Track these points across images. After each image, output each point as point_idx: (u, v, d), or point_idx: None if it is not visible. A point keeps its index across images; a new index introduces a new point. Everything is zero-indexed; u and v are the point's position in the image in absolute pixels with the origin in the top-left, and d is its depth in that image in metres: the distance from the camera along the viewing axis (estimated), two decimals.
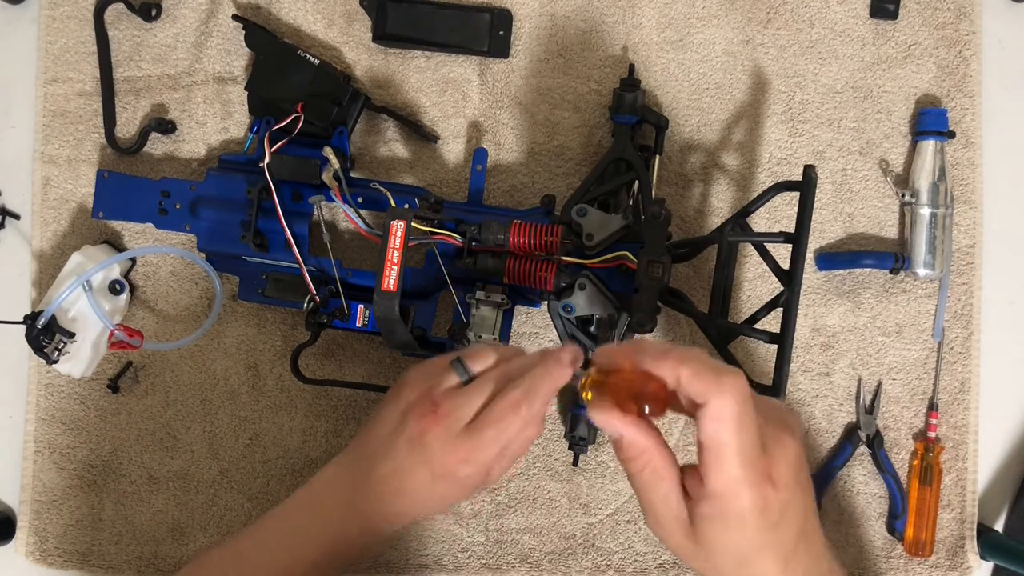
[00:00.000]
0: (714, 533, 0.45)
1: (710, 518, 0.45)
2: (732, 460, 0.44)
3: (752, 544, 0.45)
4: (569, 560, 0.73)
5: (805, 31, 0.74)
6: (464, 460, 0.52)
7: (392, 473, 0.54)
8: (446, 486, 0.53)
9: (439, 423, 0.52)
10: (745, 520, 0.44)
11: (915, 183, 0.72)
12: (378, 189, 0.68)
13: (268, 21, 0.73)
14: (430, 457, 0.53)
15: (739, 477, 0.44)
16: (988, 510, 0.75)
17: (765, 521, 0.44)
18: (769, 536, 0.45)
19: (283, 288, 0.70)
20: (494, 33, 0.73)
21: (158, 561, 0.73)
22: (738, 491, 0.44)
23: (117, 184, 0.72)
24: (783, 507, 0.45)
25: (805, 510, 0.46)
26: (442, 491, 0.54)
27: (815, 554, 0.47)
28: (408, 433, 0.53)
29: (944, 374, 0.73)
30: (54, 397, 0.73)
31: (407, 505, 0.55)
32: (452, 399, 0.53)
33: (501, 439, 0.52)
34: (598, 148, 0.73)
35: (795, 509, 0.45)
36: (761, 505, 0.44)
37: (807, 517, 0.47)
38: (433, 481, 0.53)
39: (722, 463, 0.44)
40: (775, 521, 0.45)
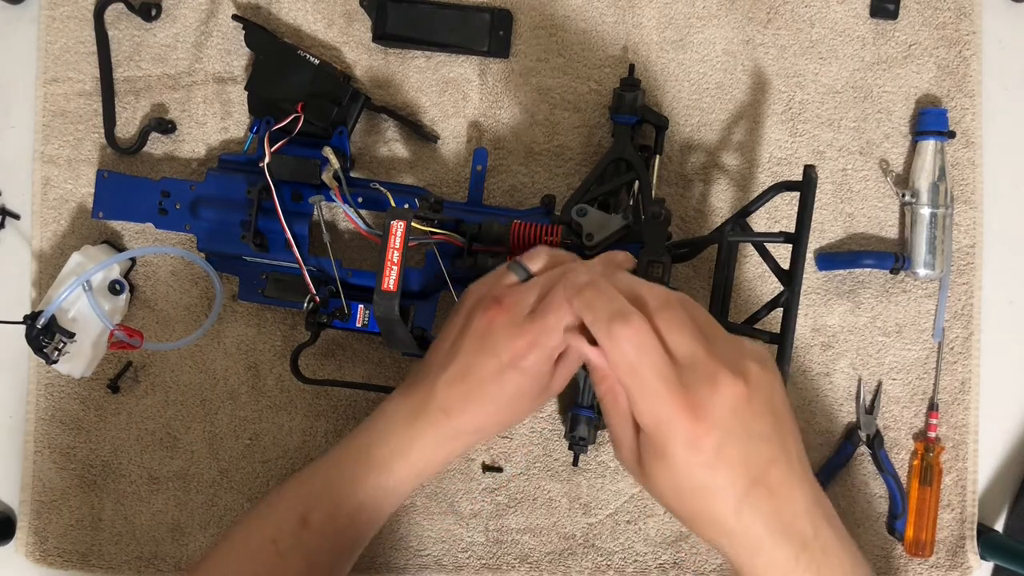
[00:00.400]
0: (649, 464, 0.47)
1: (645, 448, 0.47)
2: (642, 400, 0.46)
3: (688, 480, 0.46)
4: (569, 560, 0.73)
5: (805, 31, 0.74)
6: (530, 345, 0.53)
7: (459, 375, 0.55)
8: (515, 378, 0.54)
9: (504, 313, 0.54)
10: (670, 455, 0.46)
11: (915, 183, 0.72)
12: (378, 189, 0.68)
13: (268, 21, 0.73)
14: (496, 346, 0.54)
15: (655, 414, 0.46)
16: (988, 510, 0.75)
17: (695, 459, 0.45)
18: (704, 475, 0.46)
19: (283, 288, 0.70)
20: (494, 33, 0.72)
21: (158, 561, 0.73)
22: (658, 427, 0.46)
23: (117, 184, 0.72)
24: (716, 446, 0.45)
25: (760, 457, 0.46)
26: (512, 386, 0.54)
27: (785, 509, 0.46)
28: (474, 329, 0.55)
29: (944, 374, 0.73)
30: (54, 397, 0.73)
31: (477, 407, 0.55)
32: (514, 293, 0.55)
33: (564, 324, 0.52)
34: (598, 148, 0.73)
35: (737, 451, 0.45)
36: (686, 442, 0.45)
37: (766, 465, 0.46)
38: (501, 373, 0.54)
39: (635, 402, 0.47)
40: (707, 461, 0.45)
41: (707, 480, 0.46)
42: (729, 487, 0.46)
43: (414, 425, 0.58)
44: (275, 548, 0.57)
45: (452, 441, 0.58)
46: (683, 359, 0.46)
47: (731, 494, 0.46)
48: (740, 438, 0.46)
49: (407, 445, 0.57)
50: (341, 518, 0.57)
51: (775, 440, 0.47)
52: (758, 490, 0.46)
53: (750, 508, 0.46)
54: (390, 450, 0.58)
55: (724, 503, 0.46)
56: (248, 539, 0.58)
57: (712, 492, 0.46)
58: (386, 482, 0.58)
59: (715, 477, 0.46)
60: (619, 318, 0.47)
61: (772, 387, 0.47)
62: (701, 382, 0.46)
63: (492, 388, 0.55)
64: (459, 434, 0.57)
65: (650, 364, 0.46)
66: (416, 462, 0.58)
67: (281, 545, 0.57)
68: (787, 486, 0.46)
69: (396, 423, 0.58)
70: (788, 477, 0.47)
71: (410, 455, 0.57)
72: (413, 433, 0.57)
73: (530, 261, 0.58)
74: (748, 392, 0.46)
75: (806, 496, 0.47)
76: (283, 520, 0.58)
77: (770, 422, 0.47)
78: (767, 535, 0.46)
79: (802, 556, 0.46)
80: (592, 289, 0.50)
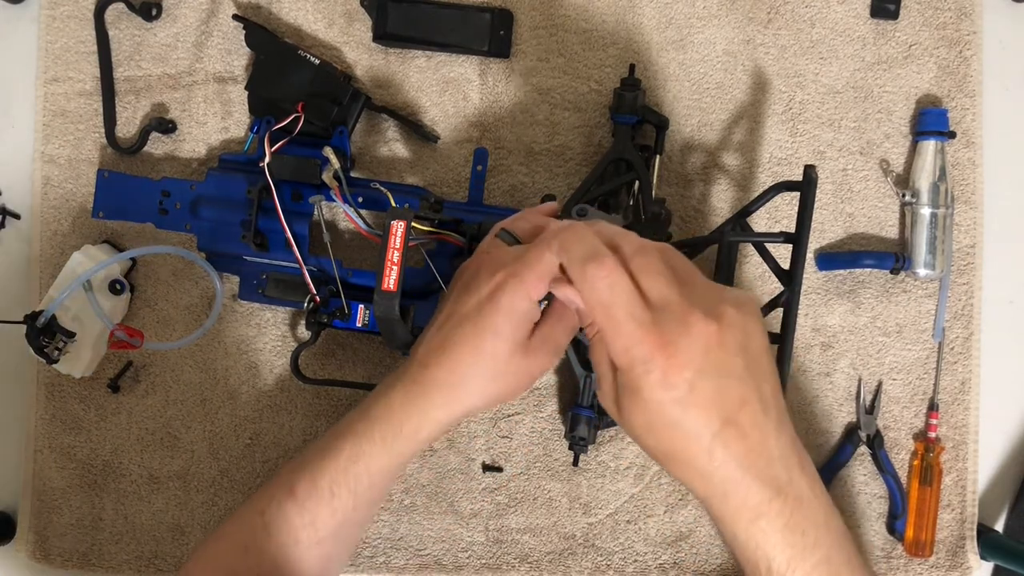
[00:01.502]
0: (624, 402, 0.48)
1: (620, 387, 0.48)
2: (616, 338, 0.47)
3: (660, 417, 0.47)
4: (569, 560, 0.73)
5: (806, 31, 0.74)
6: (508, 275, 0.54)
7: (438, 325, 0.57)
8: (492, 316, 0.54)
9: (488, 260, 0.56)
10: (643, 392, 0.46)
11: (915, 183, 0.72)
12: (378, 189, 0.68)
13: (268, 21, 0.73)
14: (477, 285, 0.55)
15: (628, 352, 0.47)
16: (988, 510, 0.75)
17: (667, 395, 0.46)
18: (676, 412, 0.46)
19: (283, 288, 0.70)
20: (494, 33, 0.72)
21: (158, 561, 0.73)
22: (632, 365, 0.47)
23: (117, 184, 0.72)
24: (689, 383, 0.45)
25: (733, 396, 0.46)
26: (489, 324, 0.54)
27: (758, 451, 0.46)
28: (459, 284, 0.57)
29: (944, 374, 0.73)
30: (54, 397, 0.73)
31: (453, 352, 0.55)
32: (501, 248, 0.57)
33: (544, 261, 0.53)
34: (598, 148, 0.73)
35: (709, 389, 0.46)
36: (658, 379, 0.46)
37: (738, 405, 0.46)
38: (479, 309, 0.55)
39: (610, 342, 0.48)
40: (679, 397, 0.46)
41: (679, 417, 0.46)
42: (701, 425, 0.46)
43: (389, 388, 0.58)
44: (262, 519, 0.58)
45: (424, 399, 0.56)
46: (656, 301, 0.47)
47: (703, 432, 0.46)
48: (712, 377, 0.46)
49: (380, 411, 0.57)
50: (321, 490, 0.57)
51: (748, 381, 0.47)
52: (730, 430, 0.46)
53: (722, 447, 0.46)
54: (367, 419, 0.58)
55: (696, 441, 0.46)
56: (246, 510, 0.60)
57: (684, 429, 0.46)
58: (359, 452, 0.57)
59: (687, 414, 0.46)
60: (593, 259, 0.48)
61: (747, 329, 0.47)
62: (673, 322, 0.46)
63: (467, 328, 0.55)
64: (432, 388, 0.56)
65: (622, 303, 0.47)
66: (388, 429, 0.57)
67: (267, 515, 0.58)
68: (759, 429, 0.47)
69: (377, 394, 0.59)
70: (761, 420, 0.47)
71: (383, 421, 0.57)
72: (387, 396, 0.57)
73: (516, 226, 0.59)
74: (721, 332, 0.46)
75: (780, 441, 0.47)
76: (272, 492, 0.59)
77: (743, 363, 0.47)
78: (739, 475, 0.46)
79: (775, 501, 0.46)
80: (571, 232, 0.51)
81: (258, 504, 0.59)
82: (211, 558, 0.59)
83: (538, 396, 0.73)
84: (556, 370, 0.73)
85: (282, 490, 0.58)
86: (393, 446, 0.57)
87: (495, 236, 0.59)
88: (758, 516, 0.46)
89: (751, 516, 0.47)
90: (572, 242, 0.51)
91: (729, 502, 0.47)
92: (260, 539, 0.57)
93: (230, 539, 0.59)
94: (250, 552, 0.57)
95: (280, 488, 0.59)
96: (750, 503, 0.46)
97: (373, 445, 0.57)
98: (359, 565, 0.73)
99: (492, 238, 0.59)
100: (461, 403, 0.57)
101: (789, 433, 0.48)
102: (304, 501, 0.57)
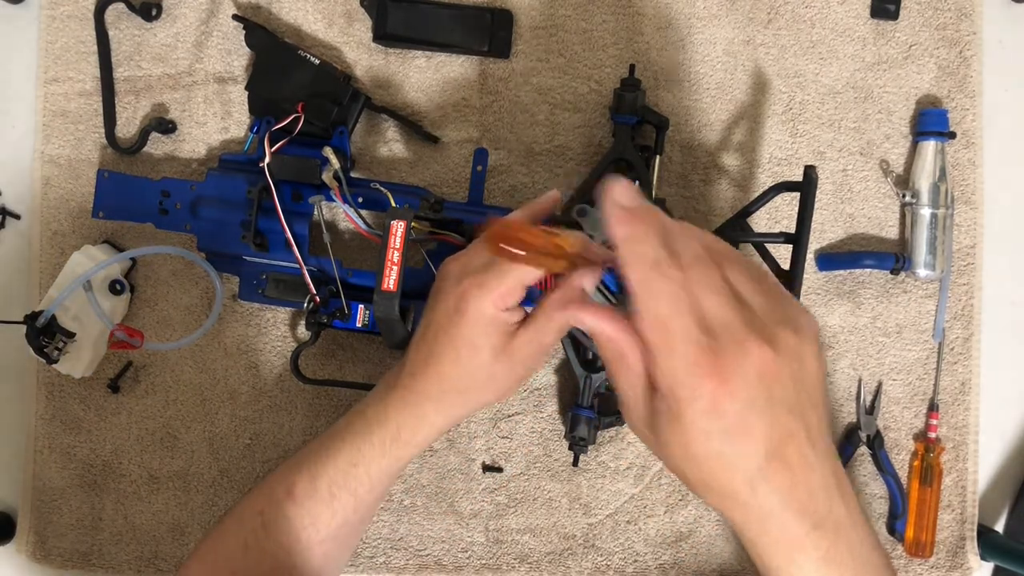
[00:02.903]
0: (662, 427, 0.45)
1: (659, 410, 0.45)
2: (667, 359, 0.44)
3: (703, 447, 0.44)
4: (569, 560, 0.73)
5: (806, 31, 0.74)
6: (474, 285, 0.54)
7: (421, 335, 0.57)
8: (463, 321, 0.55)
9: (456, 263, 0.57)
10: (687, 419, 0.44)
11: (916, 183, 0.72)
12: (378, 189, 0.68)
13: (268, 21, 0.73)
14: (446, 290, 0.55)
15: (676, 375, 0.43)
16: (988, 511, 0.75)
17: (712, 425, 0.43)
18: (721, 443, 0.44)
19: (283, 288, 0.70)
20: (494, 33, 0.72)
21: (158, 561, 0.73)
22: (678, 389, 0.43)
23: (117, 184, 0.72)
24: (738, 414, 0.43)
25: (782, 429, 0.44)
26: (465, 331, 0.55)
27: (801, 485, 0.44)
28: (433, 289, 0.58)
29: (944, 374, 0.73)
30: (54, 397, 0.73)
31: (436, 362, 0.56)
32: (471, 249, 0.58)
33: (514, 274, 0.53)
34: (598, 148, 0.73)
35: (758, 421, 0.43)
36: (704, 408, 0.43)
37: (785, 439, 0.44)
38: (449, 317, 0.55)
39: (659, 361, 0.44)
40: (726, 428, 0.43)
41: (723, 448, 0.44)
42: (746, 458, 0.44)
43: (384, 394, 0.59)
44: (261, 519, 0.58)
45: (416, 407, 0.58)
46: (712, 321, 0.44)
47: (748, 465, 0.44)
48: (762, 408, 0.44)
49: (376, 415, 0.58)
50: (320, 491, 0.58)
51: (797, 413, 0.44)
52: (774, 463, 0.44)
53: (765, 481, 0.44)
54: (364, 422, 0.58)
55: (739, 474, 0.44)
56: (244, 509, 0.60)
57: (726, 461, 0.44)
58: (358, 456, 0.58)
59: (732, 446, 0.44)
60: (658, 271, 0.44)
61: (803, 357, 0.45)
62: (728, 347, 0.43)
63: (443, 340, 0.56)
64: (423, 398, 0.57)
65: (681, 324, 0.44)
66: (386, 434, 0.58)
67: (267, 515, 0.58)
68: (805, 462, 0.45)
69: (372, 396, 0.60)
70: (807, 453, 0.45)
71: (380, 426, 0.58)
72: (383, 402, 0.58)
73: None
74: (777, 360, 0.44)
75: (824, 473, 0.45)
76: (274, 491, 0.59)
77: (794, 393, 0.44)
78: (780, 510, 0.45)
79: (813, 534, 0.45)
80: (641, 224, 0.46)
81: (256, 503, 0.59)
82: (211, 556, 0.59)
83: (538, 396, 0.73)
84: (556, 370, 0.73)
85: (280, 490, 0.59)
86: (391, 450, 0.58)
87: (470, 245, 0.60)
88: (796, 549, 0.45)
89: (789, 549, 0.45)
90: (640, 240, 0.46)
91: (767, 534, 0.45)
92: (260, 538, 0.58)
93: (230, 538, 0.59)
94: (250, 551, 0.58)
95: (278, 488, 0.59)
96: (788, 535, 0.45)
97: (372, 448, 0.58)
98: (359, 565, 0.73)
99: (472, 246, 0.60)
100: (453, 409, 0.58)
101: (832, 460, 0.46)
102: (303, 501, 0.58)
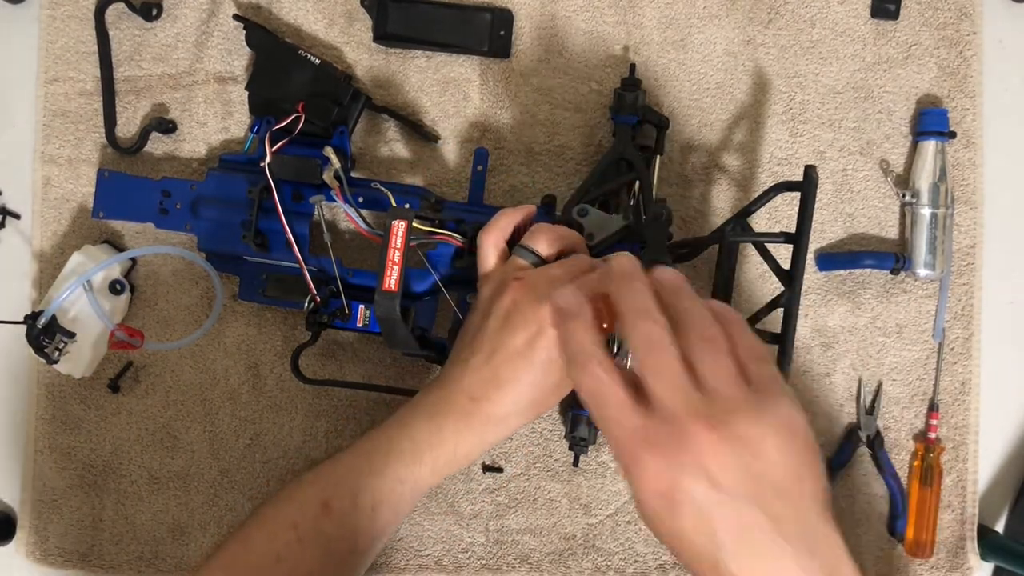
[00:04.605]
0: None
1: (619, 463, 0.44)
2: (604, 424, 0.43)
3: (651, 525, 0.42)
4: (569, 561, 0.73)
5: (806, 31, 0.74)
6: (553, 311, 0.51)
7: (484, 359, 0.57)
8: (542, 351, 0.55)
9: (526, 288, 0.56)
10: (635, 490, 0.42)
11: (916, 183, 0.72)
12: (379, 189, 0.68)
13: (269, 21, 0.73)
14: (523, 320, 0.55)
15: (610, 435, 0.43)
16: (989, 511, 0.75)
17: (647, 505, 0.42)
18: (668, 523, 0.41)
19: (284, 288, 0.70)
20: (495, 33, 0.72)
21: (158, 561, 0.73)
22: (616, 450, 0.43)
23: (117, 184, 0.72)
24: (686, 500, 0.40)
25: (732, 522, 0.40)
26: (539, 360, 0.55)
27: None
28: (496, 311, 0.57)
29: (944, 375, 0.73)
30: (54, 397, 0.73)
31: (505, 389, 0.56)
32: (534, 271, 0.58)
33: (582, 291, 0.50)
34: (599, 148, 0.73)
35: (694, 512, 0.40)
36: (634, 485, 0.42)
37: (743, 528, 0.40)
38: (530, 346, 0.55)
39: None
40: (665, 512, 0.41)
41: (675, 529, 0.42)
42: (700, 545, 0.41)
43: (438, 415, 0.58)
44: (295, 532, 0.57)
45: (478, 430, 0.57)
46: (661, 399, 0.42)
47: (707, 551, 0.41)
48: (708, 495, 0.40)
49: (430, 436, 0.57)
50: (362, 508, 0.57)
51: (756, 502, 0.41)
52: (740, 552, 0.40)
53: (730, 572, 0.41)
54: (413, 441, 0.58)
55: (701, 562, 0.41)
56: (272, 520, 0.59)
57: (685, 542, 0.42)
58: (407, 475, 0.57)
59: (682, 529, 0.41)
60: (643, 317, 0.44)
61: (758, 446, 0.41)
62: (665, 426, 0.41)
63: (520, 365, 0.55)
64: (486, 421, 0.57)
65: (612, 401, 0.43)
66: (440, 455, 0.57)
67: (301, 529, 0.57)
68: (772, 555, 0.40)
69: (420, 414, 0.58)
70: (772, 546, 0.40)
71: (433, 447, 0.57)
72: (437, 423, 0.57)
73: (535, 243, 0.60)
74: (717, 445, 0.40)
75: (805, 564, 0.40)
76: (306, 504, 0.58)
77: (742, 483, 0.41)
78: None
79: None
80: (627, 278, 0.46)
81: (286, 515, 0.58)
82: (238, 564, 0.58)
83: None
84: None
85: (314, 505, 0.58)
86: (442, 470, 0.58)
87: (514, 253, 0.60)
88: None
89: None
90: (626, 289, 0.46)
91: None
92: (294, 552, 0.57)
93: (258, 547, 0.58)
94: (283, 563, 0.57)
95: (312, 502, 0.58)
96: None
97: (422, 467, 0.57)
98: None
99: (514, 259, 0.59)
100: (510, 429, 0.59)
101: (823, 553, 0.41)
102: (342, 517, 0.57)
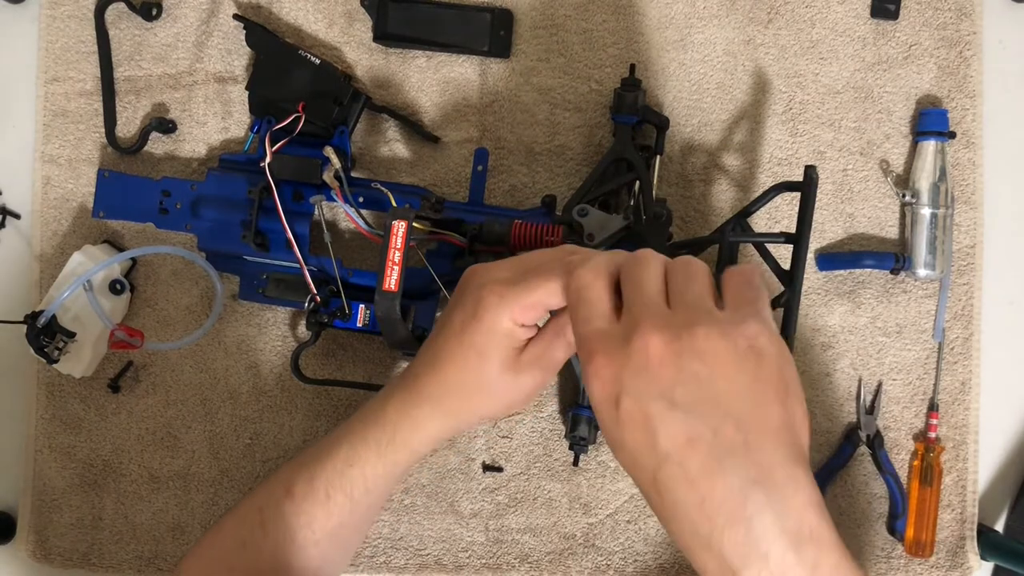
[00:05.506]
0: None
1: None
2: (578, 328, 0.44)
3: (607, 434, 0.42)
4: (569, 560, 0.73)
5: (806, 31, 0.74)
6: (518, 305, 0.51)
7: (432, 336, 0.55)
8: (475, 327, 0.52)
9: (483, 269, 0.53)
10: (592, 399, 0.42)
11: (916, 183, 0.72)
12: (379, 189, 0.68)
13: (269, 21, 0.73)
14: (465, 296, 0.53)
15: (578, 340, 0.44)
16: (988, 510, 0.75)
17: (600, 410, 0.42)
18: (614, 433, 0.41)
19: (284, 288, 0.70)
20: (495, 33, 0.72)
21: (158, 561, 0.73)
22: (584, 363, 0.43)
23: (117, 184, 0.72)
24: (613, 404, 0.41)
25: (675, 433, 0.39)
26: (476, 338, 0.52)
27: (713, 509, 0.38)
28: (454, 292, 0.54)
29: (944, 374, 0.73)
30: (54, 397, 0.73)
31: (442, 365, 0.54)
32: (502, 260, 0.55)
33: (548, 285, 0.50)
34: (599, 148, 0.73)
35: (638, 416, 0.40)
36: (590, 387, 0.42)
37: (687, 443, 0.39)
38: (464, 322, 0.52)
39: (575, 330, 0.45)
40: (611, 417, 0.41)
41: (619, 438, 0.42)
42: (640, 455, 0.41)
43: (386, 393, 0.58)
44: (260, 516, 0.58)
45: (416, 408, 0.55)
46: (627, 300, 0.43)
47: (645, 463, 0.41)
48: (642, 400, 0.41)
49: (375, 414, 0.57)
50: (316, 492, 0.57)
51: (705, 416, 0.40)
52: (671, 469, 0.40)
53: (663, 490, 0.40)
54: (362, 421, 0.58)
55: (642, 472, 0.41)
56: (245, 506, 0.60)
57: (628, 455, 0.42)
58: (355, 456, 0.57)
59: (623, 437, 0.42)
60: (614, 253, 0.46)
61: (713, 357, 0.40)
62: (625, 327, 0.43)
63: (454, 344, 0.53)
64: (424, 400, 0.55)
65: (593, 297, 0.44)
66: (383, 435, 0.56)
67: (265, 513, 0.58)
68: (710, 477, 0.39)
69: (376, 398, 0.59)
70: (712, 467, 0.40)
71: (377, 425, 0.57)
72: (382, 400, 0.58)
73: None
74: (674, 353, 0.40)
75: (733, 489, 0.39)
76: (272, 490, 0.59)
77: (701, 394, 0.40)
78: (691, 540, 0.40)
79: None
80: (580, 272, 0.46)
81: (256, 501, 0.60)
82: (209, 553, 0.60)
83: (538, 396, 0.73)
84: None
85: (280, 489, 0.59)
86: (386, 453, 0.57)
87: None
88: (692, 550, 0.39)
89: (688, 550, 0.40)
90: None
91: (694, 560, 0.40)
92: (257, 536, 0.58)
93: (228, 535, 0.59)
94: (247, 548, 0.58)
95: (278, 487, 0.59)
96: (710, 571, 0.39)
97: (368, 450, 0.57)
98: (359, 565, 0.73)
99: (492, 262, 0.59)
100: (452, 417, 0.56)
101: (782, 494, 0.38)
102: (300, 502, 0.58)
